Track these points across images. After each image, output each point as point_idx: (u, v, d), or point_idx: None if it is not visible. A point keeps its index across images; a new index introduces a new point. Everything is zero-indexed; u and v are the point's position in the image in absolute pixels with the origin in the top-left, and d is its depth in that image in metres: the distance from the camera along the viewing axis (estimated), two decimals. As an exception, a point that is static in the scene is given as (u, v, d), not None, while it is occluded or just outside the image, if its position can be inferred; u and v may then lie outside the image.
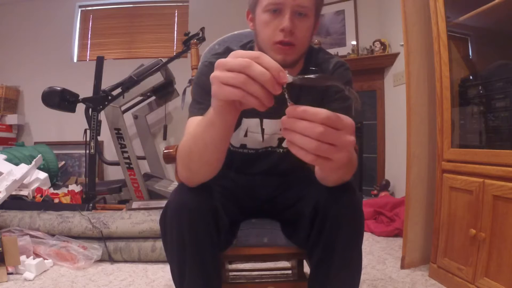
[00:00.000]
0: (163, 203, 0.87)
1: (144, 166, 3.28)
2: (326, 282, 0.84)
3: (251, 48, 0.97)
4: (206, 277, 0.83)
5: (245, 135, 0.99)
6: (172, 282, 0.90)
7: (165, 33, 3.85)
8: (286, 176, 1.03)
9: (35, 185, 2.35)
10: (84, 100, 2.51)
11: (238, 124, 0.97)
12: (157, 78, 2.84)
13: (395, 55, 2.90)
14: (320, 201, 0.80)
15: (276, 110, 0.94)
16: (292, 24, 0.81)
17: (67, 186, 2.68)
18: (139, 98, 3.21)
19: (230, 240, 0.96)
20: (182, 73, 3.06)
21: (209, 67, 0.90)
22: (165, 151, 1.11)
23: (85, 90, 2.62)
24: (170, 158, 1.11)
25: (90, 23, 3.90)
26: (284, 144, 1.01)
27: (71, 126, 3.31)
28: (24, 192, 2.25)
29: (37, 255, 1.81)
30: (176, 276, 0.85)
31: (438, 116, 1.60)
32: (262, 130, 0.98)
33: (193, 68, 1.43)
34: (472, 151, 1.44)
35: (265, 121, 0.97)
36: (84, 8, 3.90)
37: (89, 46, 3.89)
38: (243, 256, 1.06)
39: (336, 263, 0.81)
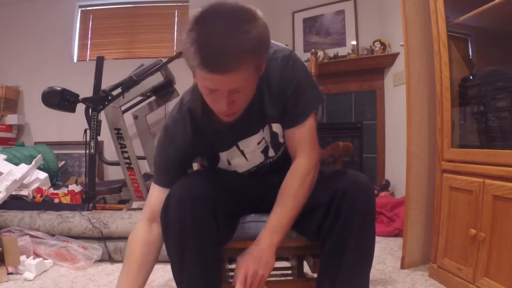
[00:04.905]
0: (162, 203, 0.89)
1: (144, 166, 3.28)
2: (340, 269, 0.86)
3: (197, 95, 0.91)
4: (206, 268, 0.84)
5: (229, 163, 1.01)
6: (172, 282, 0.90)
7: (165, 33, 3.85)
8: (284, 174, 1.03)
9: (35, 185, 2.35)
10: (84, 100, 2.51)
11: (217, 159, 1.00)
12: (157, 78, 2.84)
13: (395, 55, 2.90)
14: (339, 189, 0.85)
15: (246, 130, 0.95)
16: (230, 104, 0.78)
17: (67, 186, 2.68)
18: (139, 98, 3.20)
19: (230, 234, 0.98)
20: (182, 73, 3.05)
21: (165, 137, 0.95)
22: None
23: (85, 90, 2.62)
24: None
25: (90, 23, 3.90)
26: (270, 154, 1.02)
27: (71, 126, 3.30)
28: (24, 192, 2.25)
29: (37, 255, 1.81)
30: (176, 267, 0.87)
31: (438, 116, 1.60)
32: (241, 151, 0.99)
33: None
34: (472, 151, 1.44)
35: (241, 143, 0.97)
36: (84, 8, 3.90)
37: (89, 46, 3.89)
38: (242, 250, 1.06)
39: (351, 246, 0.84)
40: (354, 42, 3.28)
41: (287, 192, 0.91)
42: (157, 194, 0.94)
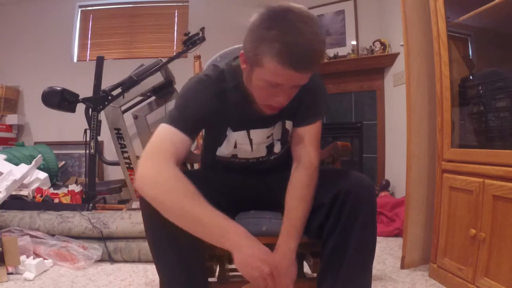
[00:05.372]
0: (163, 203, 0.88)
1: (144, 166, 3.28)
2: (341, 268, 0.86)
3: (236, 74, 0.94)
4: (179, 251, 0.84)
5: (235, 146, 1.01)
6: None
7: (165, 33, 3.85)
8: (284, 172, 1.03)
9: (35, 185, 2.35)
10: (84, 100, 2.51)
11: (224, 136, 1.00)
12: (157, 78, 2.84)
13: (395, 55, 2.90)
14: (342, 189, 0.86)
15: (261, 121, 0.97)
16: (287, 98, 0.85)
17: (67, 186, 2.68)
18: (139, 98, 3.21)
19: None
20: (182, 73, 3.05)
21: (199, 84, 0.92)
22: None
23: (85, 90, 2.62)
24: None
25: (90, 23, 3.90)
26: (276, 150, 1.04)
27: (71, 126, 3.30)
28: (24, 192, 2.25)
29: (37, 255, 1.81)
30: (157, 261, 0.87)
31: (438, 116, 1.60)
32: (250, 140, 1.00)
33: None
34: (472, 151, 1.44)
35: (252, 131, 0.99)
36: (84, 8, 3.91)
37: (89, 46, 3.89)
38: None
39: (353, 246, 0.85)
40: (354, 42, 3.28)
41: (296, 196, 0.93)
42: (181, 138, 0.85)
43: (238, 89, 0.93)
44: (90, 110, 2.53)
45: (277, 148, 1.03)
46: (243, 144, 1.01)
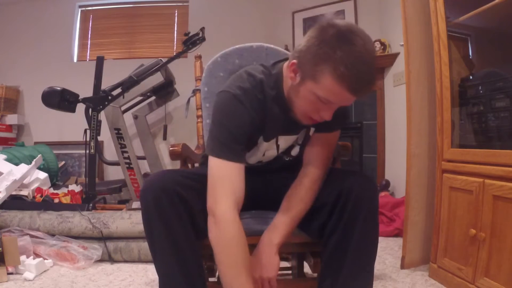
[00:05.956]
0: (162, 203, 0.88)
1: (144, 166, 3.28)
2: (343, 267, 0.87)
3: (277, 83, 0.95)
4: (176, 249, 0.84)
5: (263, 154, 1.03)
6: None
7: (165, 33, 3.85)
8: (288, 173, 1.04)
9: (35, 185, 2.35)
10: (84, 100, 2.51)
11: (255, 145, 1.00)
12: (157, 78, 2.84)
13: (395, 55, 2.90)
14: (344, 188, 0.87)
15: (291, 128, 0.99)
16: (332, 114, 0.86)
17: (67, 186, 2.68)
18: (139, 98, 3.21)
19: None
20: (182, 73, 3.06)
21: (234, 101, 0.90)
22: (171, 148, 1.17)
23: (85, 90, 2.62)
24: (176, 155, 1.17)
25: (90, 23, 3.89)
26: (293, 153, 1.05)
27: (71, 126, 3.31)
28: (24, 192, 2.25)
29: (37, 255, 1.81)
30: (155, 259, 0.88)
31: (438, 116, 1.60)
32: (277, 146, 1.02)
33: (197, 79, 1.50)
34: (472, 151, 1.44)
35: (280, 137, 1.01)
36: (84, 8, 3.90)
37: (89, 46, 3.89)
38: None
39: (355, 243, 0.86)
40: (354, 42, 3.27)
41: (295, 195, 0.94)
42: (236, 171, 0.87)
43: (276, 99, 0.94)
44: (90, 110, 2.53)
45: (295, 151, 1.05)
46: (270, 150, 1.02)
